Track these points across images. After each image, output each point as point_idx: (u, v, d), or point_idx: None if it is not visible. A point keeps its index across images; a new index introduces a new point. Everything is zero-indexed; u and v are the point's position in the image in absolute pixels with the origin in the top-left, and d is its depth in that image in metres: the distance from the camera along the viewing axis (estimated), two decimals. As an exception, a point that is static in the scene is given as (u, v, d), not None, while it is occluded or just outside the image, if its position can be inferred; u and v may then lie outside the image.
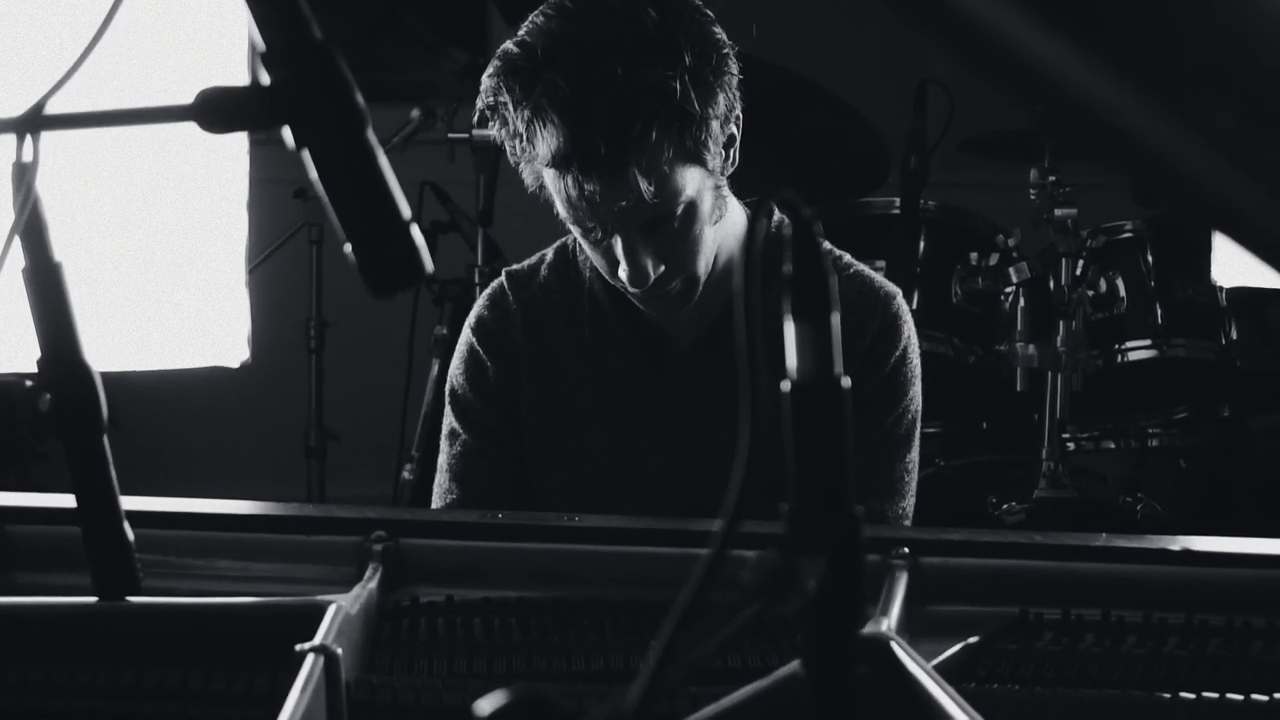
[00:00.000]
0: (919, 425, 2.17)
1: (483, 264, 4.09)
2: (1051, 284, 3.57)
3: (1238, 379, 3.73)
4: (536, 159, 1.95)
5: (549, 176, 1.97)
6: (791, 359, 0.91)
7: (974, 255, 3.66)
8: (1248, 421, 3.87)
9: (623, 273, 2.01)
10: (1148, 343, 3.67)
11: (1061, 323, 3.54)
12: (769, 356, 0.89)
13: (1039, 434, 3.58)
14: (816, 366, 0.89)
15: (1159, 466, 4.00)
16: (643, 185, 1.91)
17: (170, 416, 4.67)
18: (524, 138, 1.94)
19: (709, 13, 1.98)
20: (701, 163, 1.96)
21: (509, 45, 1.96)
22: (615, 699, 0.81)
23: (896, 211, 3.71)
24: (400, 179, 1.01)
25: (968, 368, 3.65)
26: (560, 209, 2.01)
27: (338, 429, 4.44)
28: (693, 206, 1.98)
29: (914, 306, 3.64)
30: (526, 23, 1.96)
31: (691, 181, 1.97)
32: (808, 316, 0.89)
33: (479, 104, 1.98)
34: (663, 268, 2.01)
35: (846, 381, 0.90)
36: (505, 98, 1.94)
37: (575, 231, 2.05)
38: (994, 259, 3.64)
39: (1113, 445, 3.79)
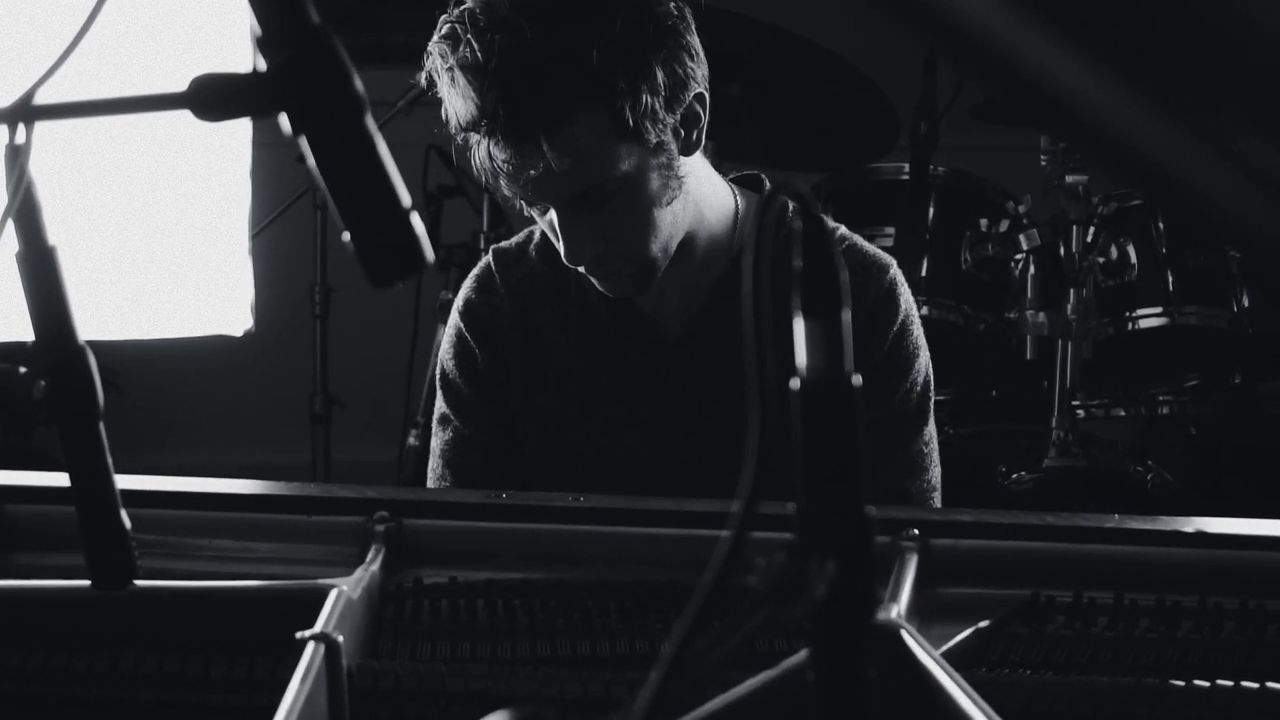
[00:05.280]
0: (932, 397, 2.14)
1: (488, 229, 4.07)
2: (1062, 251, 3.54)
3: (1249, 346, 3.70)
4: (450, 125, 1.92)
5: (472, 144, 1.94)
6: (801, 356, 0.88)
7: (984, 222, 3.63)
8: (1259, 388, 3.84)
9: (559, 246, 1.99)
10: (1159, 310, 3.64)
11: (1072, 290, 3.51)
12: (773, 344, 0.86)
13: (1049, 402, 3.55)
14: (827, 363, 0.87)
15: (1169, 434, 3.97)
16: (550, 155, 1.87)
17: (176, 383, 4.65)
18: (445, 102, 1.92)
19: None
20: (639, 140, 1.91)
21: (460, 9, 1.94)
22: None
23: (906, 177, 3.67)
24: (405, 142, 0.99)
25: (977, 335, 3.62)
26: (482, 178, 1.98)
27: (343, 395, 4.42)
28: (631, 183, 1.93)
29: (922, 273, 3.61)
30: None
31: (627, 158, 1.92)
32: (818, 312, 0.86)
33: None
34: (603, 246, 1.97)
35: (858, 379, 0.87)
36: (436, 63, 1.92)
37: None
38: (1004, 225, 3.61)
39: (1123, 413, 3.76)
